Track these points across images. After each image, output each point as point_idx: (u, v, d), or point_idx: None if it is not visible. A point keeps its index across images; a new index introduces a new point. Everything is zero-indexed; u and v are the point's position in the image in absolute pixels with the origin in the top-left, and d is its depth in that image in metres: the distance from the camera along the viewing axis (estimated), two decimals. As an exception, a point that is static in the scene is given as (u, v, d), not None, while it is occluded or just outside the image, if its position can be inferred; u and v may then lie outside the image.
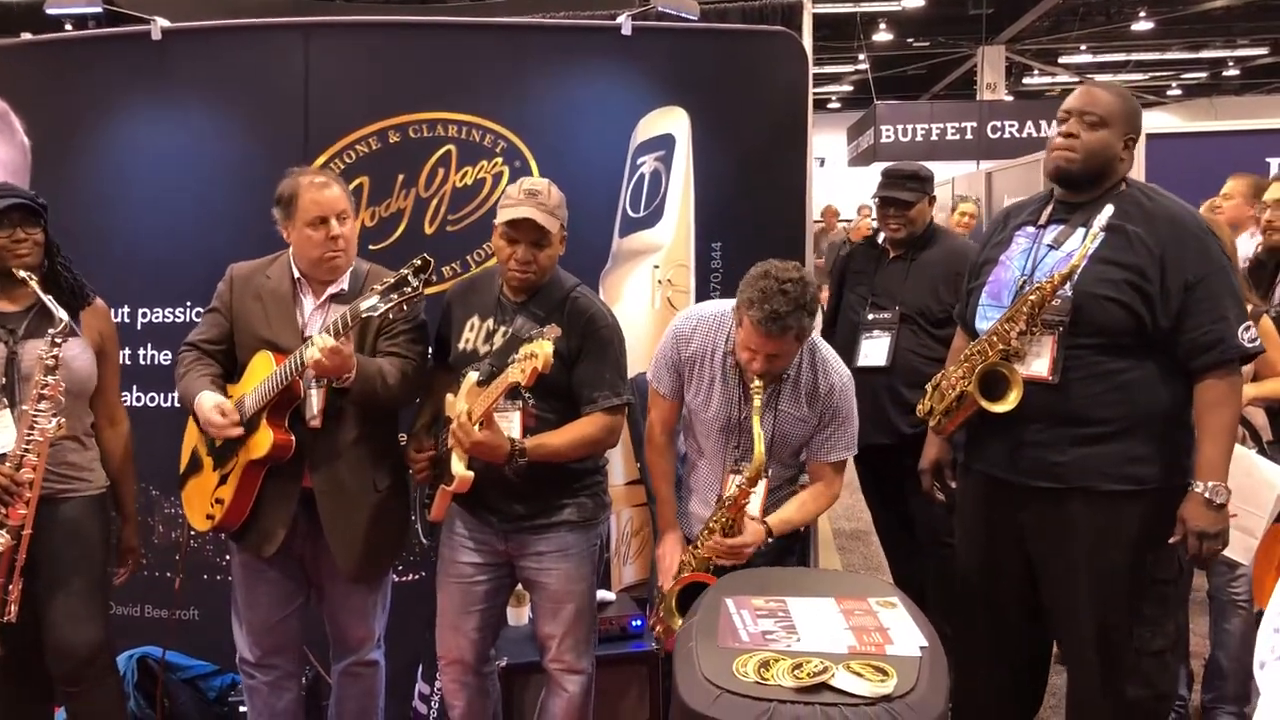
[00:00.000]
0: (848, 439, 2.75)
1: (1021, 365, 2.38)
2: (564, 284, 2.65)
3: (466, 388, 2.48)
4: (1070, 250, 2.39)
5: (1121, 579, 2.38)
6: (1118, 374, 2.34)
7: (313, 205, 2.58)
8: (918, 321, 3.50)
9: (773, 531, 2.66)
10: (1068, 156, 2.40)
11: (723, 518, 2.62)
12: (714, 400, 2.73)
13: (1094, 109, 2.39)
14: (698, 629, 2.10)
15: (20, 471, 2.46)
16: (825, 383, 2.68)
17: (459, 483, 2.47)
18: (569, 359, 2.56)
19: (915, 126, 14.96)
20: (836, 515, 6.11)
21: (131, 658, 3.21)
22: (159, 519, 3.40)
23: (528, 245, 2.54)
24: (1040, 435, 2.39)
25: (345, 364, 2.46)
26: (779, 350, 2.53)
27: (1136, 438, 2.35)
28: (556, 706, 2.74)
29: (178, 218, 3.36)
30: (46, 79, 3.51)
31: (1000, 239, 2.59)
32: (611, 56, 3.49)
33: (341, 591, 2.75)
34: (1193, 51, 19.05)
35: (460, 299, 2.75)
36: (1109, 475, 2.35)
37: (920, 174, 3.64)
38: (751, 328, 2.48)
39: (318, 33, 3.37)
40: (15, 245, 2.55)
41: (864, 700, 1.82)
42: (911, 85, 21.43)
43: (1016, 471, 2.43)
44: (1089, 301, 2.33)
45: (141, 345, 3.41)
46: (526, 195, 2.53)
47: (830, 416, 2.71)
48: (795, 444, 2.75)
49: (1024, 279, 2.43)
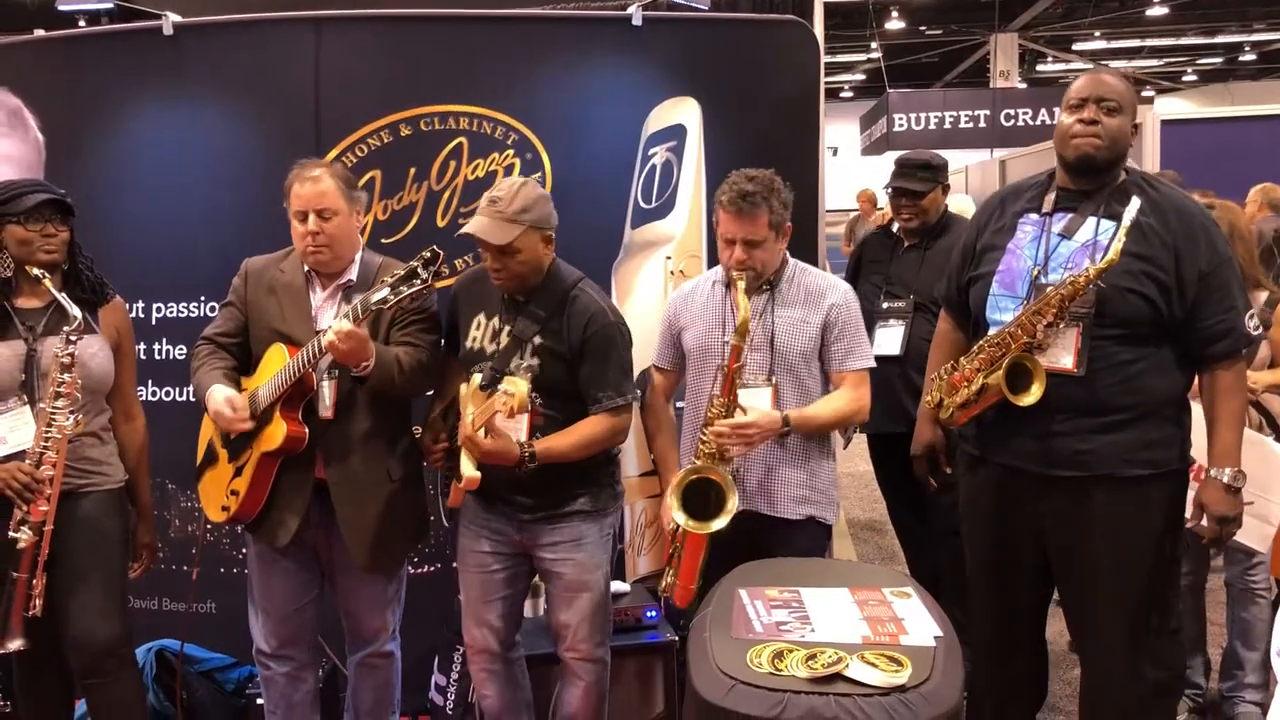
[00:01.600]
0: (863, 348, 2.78)
1: (1044, 357, 2.37)
2: (565, 281, 2.63)
3: (471, 391, 2.51)
4: (1085, 240, 2.39)
5: (1144, 562, 2.40)
6: (1134, 363, 2.35)
7: (295, 198, 2.60)
8: (931, 310, 3.48)
9: (790, 422, 2.64)
10: (1094, 144, 2.38)
11: (719, 404, 2.62)
12: (703, 321, 2.77)
13: (1111, 95, 2.38)
14: (711, 620, 2.10)
15: (40, 468, 2.48)
16: (821, 285, 2.76)
17: (468, 482, 2.50)
18: (571, 359, 2.57)
19: (928, 115, 14.89)
20: (850, 505, 6.11)
21: (150, 650, 3.23)
22: (175, 513, 3.42)
23: (494, 255, 2.53)
24: (1064, 425, 2.39)
25: (362, 350, 2.47)
26: (753, 233, 2.62)
27: (1151, 423, 2.37)
28: (572, 695, 2.75)
29: (191, 212, 3.37)
30: (60, 75, 3.53)
31: (1001, 226, 2.56)
32: (622, 47, 3.48)
33: (356, 582, 2.76)
34: (1208, 36, 18.90)
35: (467, 293, 2.75)
36: (1131, 460, 2.37)
37: (932, 163, 3.63)
38: (725, 213, 2.65)
39: (328, 26, 3.37)
40: (45, 240, 2.56)
41: (878, 690, 1.82)
42: (924, 73, 21.33)
43: (1042, 462, 2.43)
44: (1113, 294, 2.33)
45: (156, 340, 3.42)
46: (487, 204, 2.51)
47: (840, 327, 2.73)
48: (800, 348, 2.72)
49: (1038, 269, 2.42)
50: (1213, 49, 20.43)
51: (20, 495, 2.46)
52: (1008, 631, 2.61)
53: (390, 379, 2.56)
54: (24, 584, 2.47)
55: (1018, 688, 2.66)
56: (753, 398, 2.66)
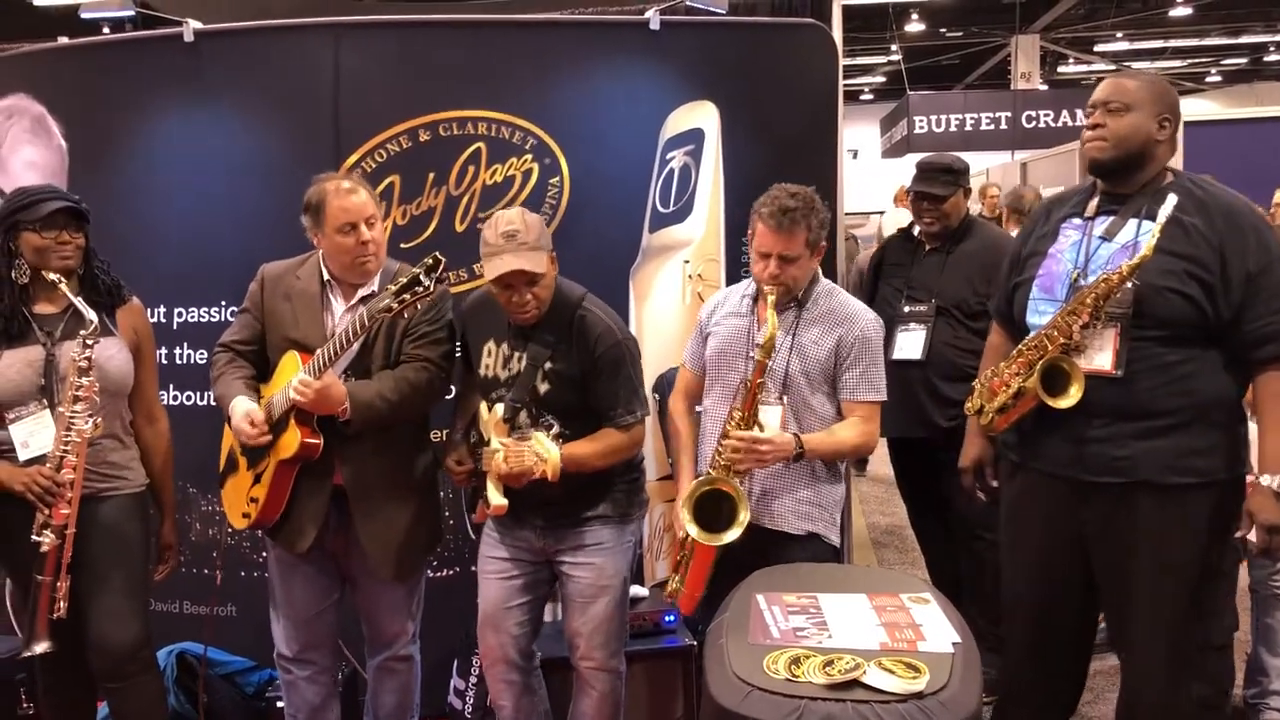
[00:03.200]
0: (879, 381, 2.72)
1: (1082, 359, 2.34)
2: (569, 300, 2.62)
3: (493, 422, 2.53)
4: (1125, 241, 2.36)
5: (1187, 573, 2.35)
6: (1178, 365, 2.30)
7: (340, 212, 2.59)
8: (953, 314, 3.47)
9: (804, 445, 2.60)
10: (1099, 146, 2.38)
11: (739, 416, 2.60)
12: (725, 328, 2.76)
13: (1117, 96, 2.37)
14: (728, 625, 2.09)
15: (61, 472, 2.50)
16: (848, 310, 2.71)
17: (495, 510, 2.53)
18: (582, 379, 2.58)
19: (949, 117, 14.84)
20: (871, 510, 6.08)
21: (171, 653, 3.25)
22: (196, 516, 3.44)
23: (522, 288, 2.52)
24: (1103, 430, 2.35)
25: (329, 399, 2.48)
26: (789, 249, 2.59)
27: (1197, 429, 2.31)
28: (587, 705, 2.75)
29: (211, 218, 3.39)
30: (82, 82, 3.56)
31: (1045, 232, 2.54)
32: (640, 51, 3.48)
33: (376, 587, 2.77)
34: (1232, 37, 18.75)
35: (473, 319, 2.74)
36: (1173, 468, 2.31)
37: (954, 167, 3.60)
38: (763, 227, 2.61)
39: (348, 33, 3.39)
40: (60, 247, 2.58)
41: (896, 697, 1.81)
42: (945, 75, 21.23)
43: (1079, 468, 2.38)
44: (1151, 293, 2.29)
45: (177, 345, 3.45)
46: (505, 240, 2.47)
47: (857, 356, 2.67)
48: (818, 369, 2.68)
49: (1077, 272, 2.40)
50: (1237, 49, 20.25)
51: (42, 499, 2.49)
52: (1046, 638, 2.55)
53: (377, 417, 2.56)
54: (48, 587, 2.49)
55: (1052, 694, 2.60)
56: (766, 415, 2.65)
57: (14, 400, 2.55)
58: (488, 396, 2.63)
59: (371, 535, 2.66)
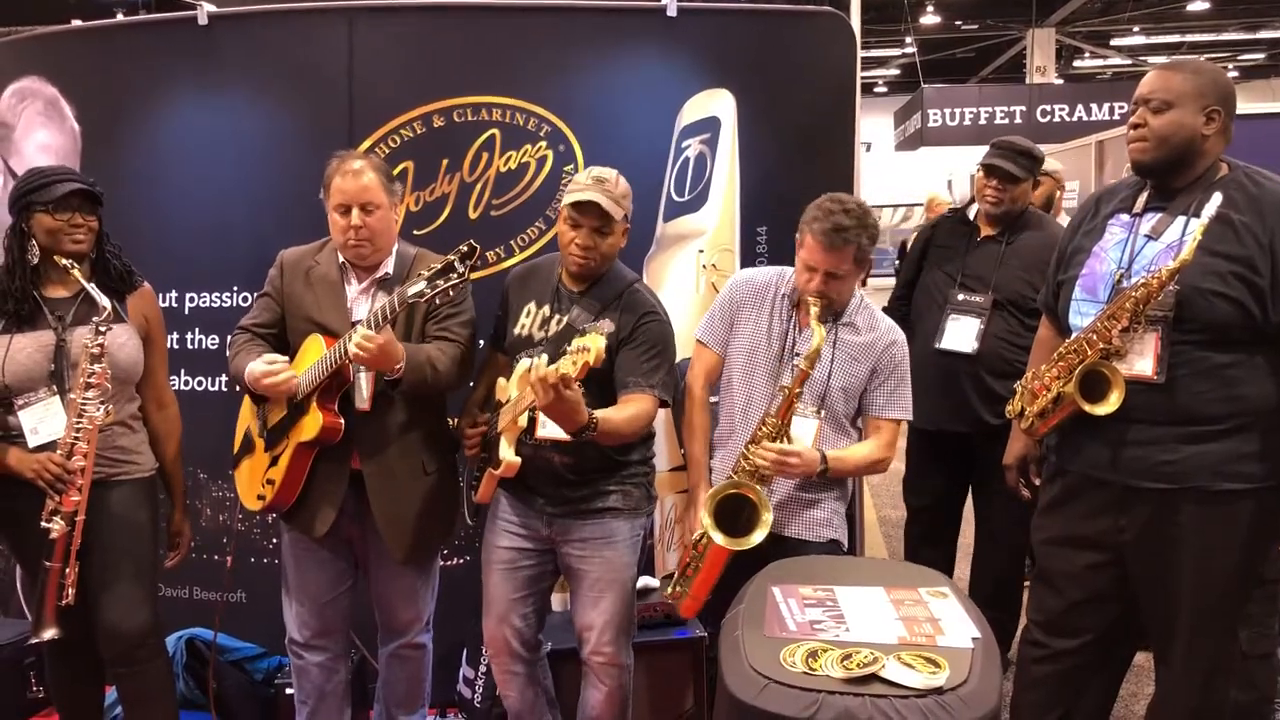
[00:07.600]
0: (906, 399, 2.71)
1: (1123, 364, 2.27)
2: (624, 277, 2.64)
3: (519, 374, 2.45)
4: (1171, 241, 2.27)
5: (1231, 580, 2.29)
6: (1225, 369, 2.22)
7: (337, 192, 2.59)
8: (1010, 309, 3.37)
9: (828, 461, 2.59)
10: (1140, 148, 2.30)
11: (771, 424, 2.57)
12: (766, 330, 2.71)
13: (1158, 93, 2.28)
14: (744, 618, 2.07)
15: (71, 459, 2.48)
16: (881, 326, 2.69)
17: (506, 468, 2.43)
18: (616, 351, 2.55)
19: (964, 110, 14.78)
20: (883, 503, 6.05)
21: (180, 639, 3.25)
22: (207, 502, 3.43)
23: (590, 230, 2.53)
24: (1146, 435, 2.27)
25: (389, 355, 2.45)
26: (838, 266, 2.56)
27: (1245, 434, 2.23)
28: (596, 699, 2.73)
29: (224, 202, 3.38)
30: (96, 65, 3.55)
31: (1092, 228, 2.46)
32: (656, 38, 3.45)
33: (390, 574, 2.76)
34: (1250, 32, 18.65)
35: (519, 283, 2.75)
36: (1221, 474, 2.24)
37: (1034, 153, 3.52)
38: (814, 242, 2.56)
39: (362, 17, 3.37)
40: (73, 230, 2.56)
41: (915, 692, 1.78)
42: (959, 69, 21.17)
43: (1121, 473, 2.31)
44: (1194, 296, 2.20)
45: (190, 329, 3.43)
46: (594, 181, 2.53)
47: (890, 370, 2.68)
48: (852, 384, 2.67)
49: (1120, 272, 2.32)
50: (1255, 44, 20.13)
51: (52, 486, 2.47)
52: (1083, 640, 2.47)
53: (424, 380, 2.55)
54: (57, 573, 2.48)
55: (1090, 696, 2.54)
56: (799, 427, 2.62)
57: (24, 385, 2.53)
58: (517, 355, 2.59)
59: (386, 516, 2.64)
